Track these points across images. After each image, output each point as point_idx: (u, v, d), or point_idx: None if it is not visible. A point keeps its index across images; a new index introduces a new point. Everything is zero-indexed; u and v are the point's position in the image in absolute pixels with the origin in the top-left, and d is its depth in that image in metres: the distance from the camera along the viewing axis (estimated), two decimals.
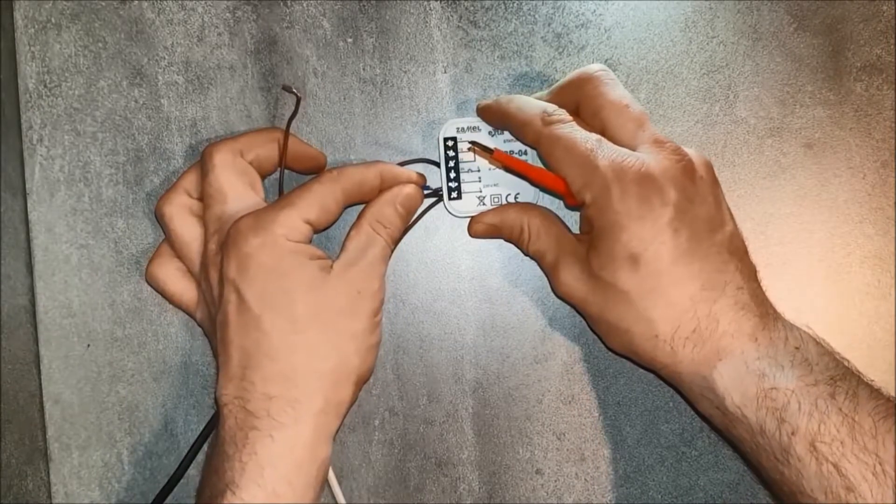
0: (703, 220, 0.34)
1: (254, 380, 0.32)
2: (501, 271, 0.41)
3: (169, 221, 0.36)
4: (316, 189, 0.35)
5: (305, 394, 0.33)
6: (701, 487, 0.40)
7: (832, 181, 0.41)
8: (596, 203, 0.34)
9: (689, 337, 0.33)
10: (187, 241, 0.36)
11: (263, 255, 0.33)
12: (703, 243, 0.33)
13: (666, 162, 0.34)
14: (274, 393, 0.32)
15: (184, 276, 0.37)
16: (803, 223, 0.41)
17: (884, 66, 0.41)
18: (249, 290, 0.33)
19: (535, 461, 0.40)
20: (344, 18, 0.40)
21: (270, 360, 0.32)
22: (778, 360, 0.32)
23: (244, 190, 0.36)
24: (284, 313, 0.33)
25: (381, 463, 0.40)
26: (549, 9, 0.40)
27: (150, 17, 0.40)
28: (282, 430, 0.32)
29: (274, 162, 0.37)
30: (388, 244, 0.36)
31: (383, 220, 0.36)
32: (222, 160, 0.36)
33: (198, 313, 0.37)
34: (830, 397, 0.31)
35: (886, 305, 0.41)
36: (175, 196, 0.37)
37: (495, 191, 0.39)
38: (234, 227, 0.34)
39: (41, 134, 0.39)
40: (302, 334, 0.33)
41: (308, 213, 0.34)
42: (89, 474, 0.39)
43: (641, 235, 0.33)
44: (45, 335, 0.39)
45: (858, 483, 0.29)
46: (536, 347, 0.40)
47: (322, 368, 0.33)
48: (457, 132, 0.39)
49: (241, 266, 0.33)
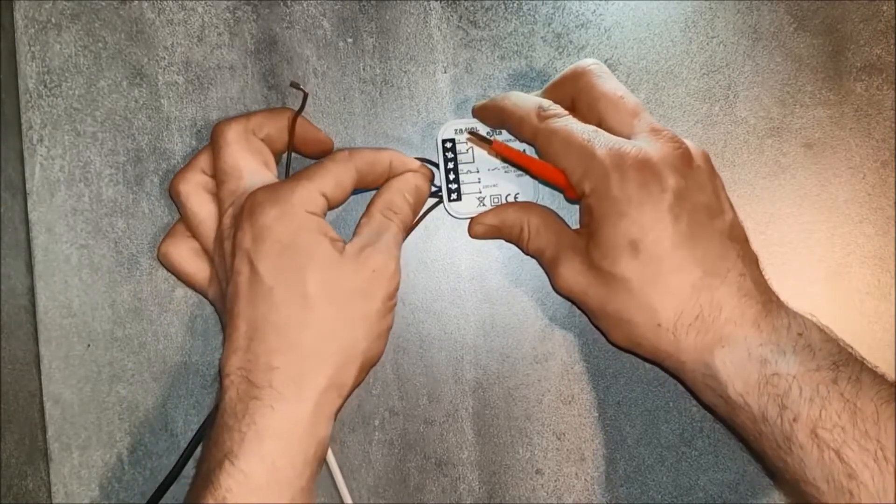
0: (703, 206, 0.34)
1: (258, 351, 0.32)
2: (501, 271, 0.41)
3: (185, 199, 0.36)
4: (330, 166, 0.35)
5: (310, 371, 0.32)
6: (701, 487, 0.40)
7: (832, 181, 0.41)
8: (595, 192, 0.34)
9: (692, 324, 0.33)
10: (202, 218, 0.36)
11: (280, 226, 0.33)
12: (704, 230, 0.33)
13: (664, 149, 0.34)
14: (277, 364, 0.32)
15: (197, 255, 0.37)
16: (803, 223, 0.41)
17: (884, 66, 0.41)
18: (263, 262, 0.32)
19: (535, 461, 0.40)
20: (344, 18, 0.40)
21: (276, 333, 0.32)
22: (780, 346, 0.32)
23: (258, 166, 0.36)
24: (296, 288, 0.32)
25: (381, 463, 0.40)
26: (549, 9, 0.40)
27: (150, 17, 0.40)
28: (283, 403, 0.31)
29: (284, 142, 0.37)
30: (401, 230, 0.36)
31: (394, 207, 0.36)
32: (236, 137, 0.36)
33: (210, 291, 0.37)
34: (832, 382, 0.30)
35: (886, 305, 0.41)
36: (190, 174, 0.37)
37: (495, 191, 0.39)
38: (251, 198, 0.33)
39: (41, 134, 0.39)
40: (311, 311, 0.32)
41: (324, 185, 0.34)
42: (89, 474, 0.39)
43: (641, 221, 0.33)
44: (45, 335, 0.39)
45: (860, 470, 0.29)
46: (536, 347, 0.40)
47: (329, 348, 0.33)
48: (455, 133, 0.39)
49: (257, 237, 0.33)
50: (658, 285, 0.33)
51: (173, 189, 0.37)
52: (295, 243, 0.33)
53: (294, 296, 0.32)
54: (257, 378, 0.32)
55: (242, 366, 0.32)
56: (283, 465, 0.31)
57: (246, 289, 0.33)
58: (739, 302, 0.33)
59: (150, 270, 0.40)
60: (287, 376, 0.32)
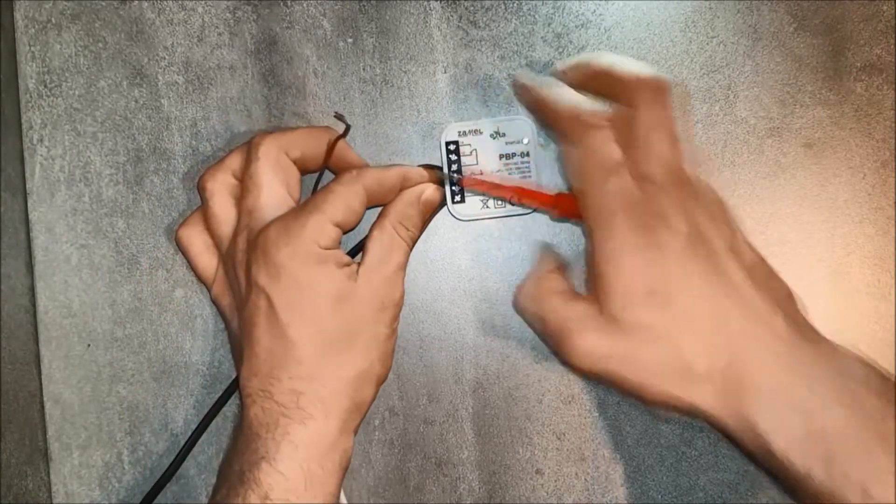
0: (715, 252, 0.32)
1: (280, 377, 0.33)
2: (501, 271, 0.41)
3: (209, 197, 0.37)
4: (339, 190, 0.35)
5: (333, 395, 0.34)
6: (701, 487, 0.40)
7: (832, 181, 0.41)
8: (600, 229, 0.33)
9: (723, 370, 0.31)
10: (222, 220, 0.37)
11: (294, 265, 0.33)
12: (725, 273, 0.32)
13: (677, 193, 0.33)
14: (302, 390, 0.33)
15: (209, 251, 0.37)
16: (803, 223, 0.41)
17: (884, 66, 0.41)
18: (279, 300, 0.33)
19: (535, 461, 0.40)
20: (344, 18, 0.40)
21: (297, 364, 0.33)
22: (822, 395, 0.30)
23: (278, 188, 0.36)
24: (313, 325, 0.34)
25: (381, 463, 0.40)
26: (549, 9, 0.40)
27: (150, 17, 0.40)
28: (312, 420, 0.33)
29: (318, 162, 0.38)
30: (409, 248, 0.37)
31: (405, 220, 0.36)
32: (266, 153, 0.36)
33: (213, 289, 0.37)
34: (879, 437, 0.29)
35: (886, 305, 0.40)
36: (220, 174, 0.37)
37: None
38: (264, 235, 0.34)
39: (41, 134, 0.39)
40: (329, 345, 0.34)
41: (335, 214, 0.34)
42: (89, 474, 0.39)
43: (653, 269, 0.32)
44: (45, 335, 0.39)
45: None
46: (536, 347, 0.40)
47: (348, 374, 0.34)
48: (458, 136, 0.39)
49: (272, 275, 0.33)
50: (684, 327, 0.31)
51: (201, 184, 0.37)
52: (309, 280, 0.34)
53: (311, 331, 0.34)
54: (283, 399, 0.33)
55: (265, 388, 0.33)
56: (316, 471, 0.33)
57: (264, 322, 0.34)
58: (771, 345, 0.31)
59: (150, 270, 0.40)
60: (313, 399, 0.33)
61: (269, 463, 0.32)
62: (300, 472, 0.32)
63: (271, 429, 0.33)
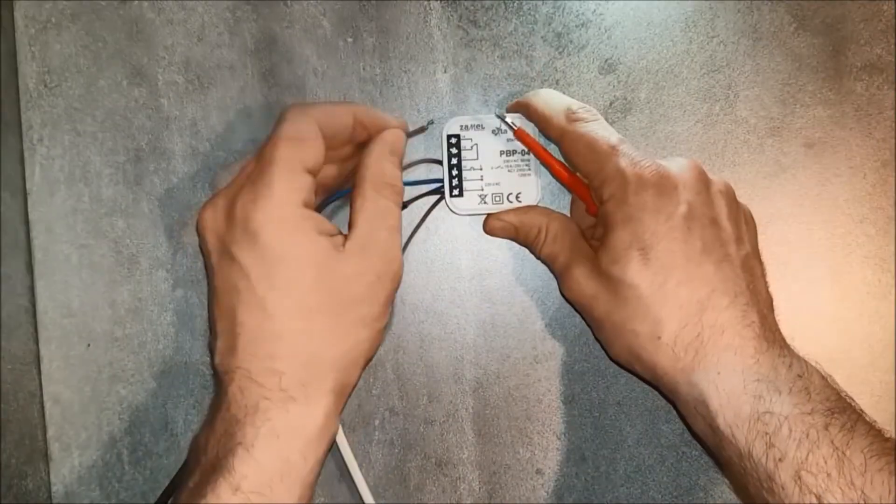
0: (719, 228, 0.34)
1: (258, 355, 0.31)
2: (501, 271, 0.41)
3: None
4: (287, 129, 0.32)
5: (316, 376, 0.32)
6: (701, 487, 0.40)
7: (832, 181, 0.41)
8: (613, 198, 0.34)
9: (692, 343, 0.32)
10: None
11: (269, 230, 0.31)
12: (717, 251, 0.33)
13: (685, 166, 0.35)
14: (282, 369, 0.31)
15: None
16: (803, 223, 0.41)
17: (884, 66, 0.41)
18: (255, 270, 0.31)
19: (535, 461, 0.40)
20: (344, 18, 0.40)
21: (275, 340, 0.31)
22: (777, 384, 0.31)
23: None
24: (292, 296, 0.31)
25: (381, 463, 0.40)
26: (549, 8, 0.40)
27: (150, 17, 0.40)
28: (294, 404, 0.31)
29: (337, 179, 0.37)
30: (399, 206, 0.35)
31: (386, 177, 0.34)
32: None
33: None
34: (824, 428, 0.30)
35: (886, 305, 0.40)
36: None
37: (497, 189, 0.39)
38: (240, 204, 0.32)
39: (41, 134, 0.39)
40: (312, 322, 0.32)
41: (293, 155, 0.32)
42: (89, 474, 0.39)
43: (654, 229, 0.33)
44: (45, 335, 0.39)
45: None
46: (536, 347, 0.40)
47: (332, 355, 0.32)
48: (461, 129, 0.39)
49: (247, 243, 0.31)
50: (665, 296, 0.33)
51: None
52: (287, 246, 0.31)
53: (290, 304, 0.31)
54: (262, 379, 0.31)
55: (242, 365, 0.31)
56: (297, 461, 0.31)
57: (240, 293, 0.31)
58: (742, 331, 0.32)
59: (150, 270, 0.40)
60: (295, 380, 0.31)
61: (245, 450, 0.30)
62: (278, 461, 0.30)
63: (251, 413, 0.30)
